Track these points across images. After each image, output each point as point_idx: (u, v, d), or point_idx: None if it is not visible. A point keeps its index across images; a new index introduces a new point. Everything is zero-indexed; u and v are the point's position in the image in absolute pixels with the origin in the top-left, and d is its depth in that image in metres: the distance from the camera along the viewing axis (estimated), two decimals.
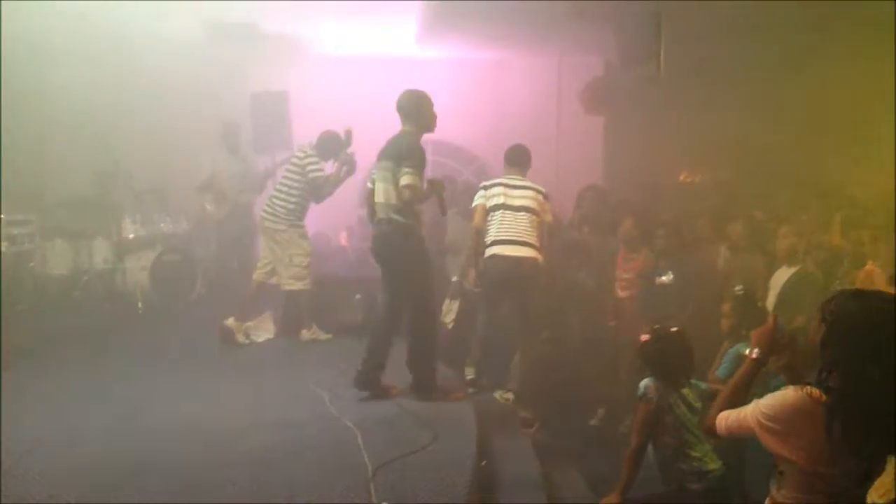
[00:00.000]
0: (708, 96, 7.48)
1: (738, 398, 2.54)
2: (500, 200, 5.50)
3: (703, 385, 3.36)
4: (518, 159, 5.75)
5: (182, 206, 8.56)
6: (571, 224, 6.98)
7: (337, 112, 9.06)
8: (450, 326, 6.20)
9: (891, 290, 4.44)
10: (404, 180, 4.45)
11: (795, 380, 2.57)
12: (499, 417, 5.11)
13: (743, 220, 5.66)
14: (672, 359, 3.30)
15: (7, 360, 5.40)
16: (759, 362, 2.60)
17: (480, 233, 5.55)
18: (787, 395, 2.35)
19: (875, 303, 2.30)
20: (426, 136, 9.69)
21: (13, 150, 7.60)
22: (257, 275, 6.48)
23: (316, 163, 6.32)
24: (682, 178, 8.86)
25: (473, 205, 5.66)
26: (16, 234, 7.08)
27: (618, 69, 7.43)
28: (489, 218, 5.51)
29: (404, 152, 4.54)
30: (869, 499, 2.40)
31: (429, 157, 10.11)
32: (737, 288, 4.28)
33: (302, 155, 6.32)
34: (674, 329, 3.46)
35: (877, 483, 2.40)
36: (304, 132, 7.49)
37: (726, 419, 2.50)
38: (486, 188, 5.67)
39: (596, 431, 5.80)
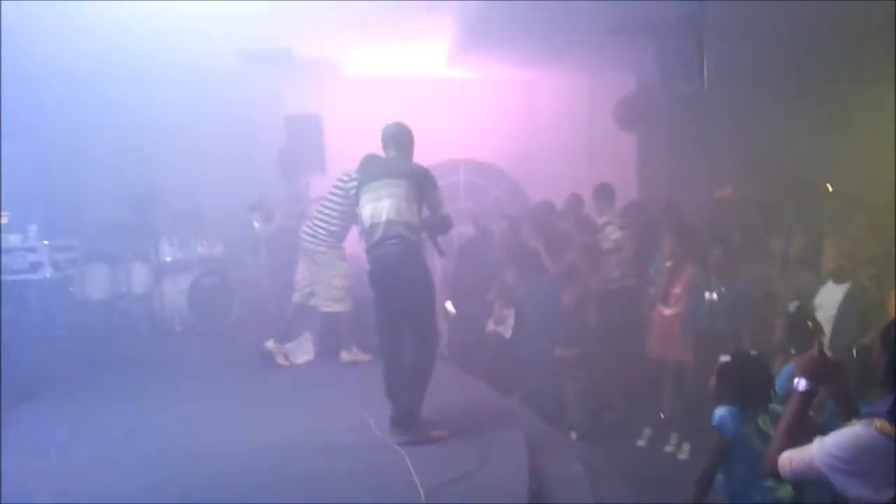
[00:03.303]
0: (746, 111, 7.40)
1: (795, 435, 2.42)
2: None
3: (778, 409, 3.24)
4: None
5: (218, 229, 8.61)
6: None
7: (370, 134, 9.16)
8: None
9: None
10: (447, 209, 4.46)
11: (846, 407, 2.49)
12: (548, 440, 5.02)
13: (796, 237, 5.55)
14: (752, 383, 3.20)
15: (49, 385, 5.44)
16: (808, 394, 2.47)
17: None
18: (856, 433, 2.23)
19: None
20: (457, 156, 9.78)
21: (49, 175, 7.72)
22: (296, 297, 6.48)
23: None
24: (718, 194, 8.74)
25: None
26: (59, 259, 7.15)
27: (652, 85, 7.36)
28: None
29: (423, 174, 4.42)
30: None
31: (460, 176, 10.32)
32: (791, 304, 4.16)
33: (346, 178, 6.27)
34: (753, 352, 3.36)
35: None
36: (338, 155, 7.54)
37: (790, 462, 2.36)
38: None
39: (644, 452, 5.69)
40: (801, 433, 2.37)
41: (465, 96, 9.44)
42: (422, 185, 4.40)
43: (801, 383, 2.47)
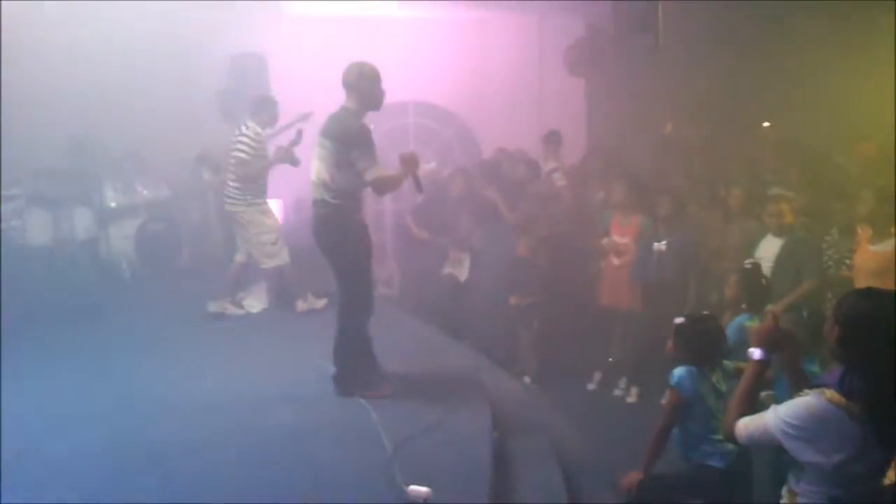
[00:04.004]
0: (697, 62, 7.51)
1: (750, 402, 2.57)
2: None
3: (729, 364, 3.45)
4: None
5: (162, 174, 8.38)
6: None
7: (316, 74, 8.94)
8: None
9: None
10: (372, 174, 4.15)
11: (799, 379, 2.65)
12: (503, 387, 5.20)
13: (741, 188, 5.74)
14: (707, 342, 3.38)
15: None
16: (763, 363, 2.63)
17: None
18: (808, 402, 2.39)
19: (888, 301, 2.37)
20: (406, 97, 9.63)
21: None
22: (238, 256, 6.43)
23: (241, 142, 6.10)
24: (666, 129, 8.84)
25: None
26: (5, 210, 6.89)
27: (603, 32, 7.40)
28: None
29: (351, 136, 4.19)
30: (887, 480, 2.52)
31: (409, 118, 10.24)
32: (746, 261, 4.36)
33: (237, 132, 6.13)
34: (706, 313, 3.54)
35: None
36: (282, 97, 7.39)
37: (746, 428, 2.52)
38: None
39: (594, 395, 5.95)
40: (754, 402, 2.54)
41: (413, 36, 9.26)
42: (344, 148, 4.19)
43: (755, 353, 2.63)
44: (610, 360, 6.12)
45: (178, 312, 6.39)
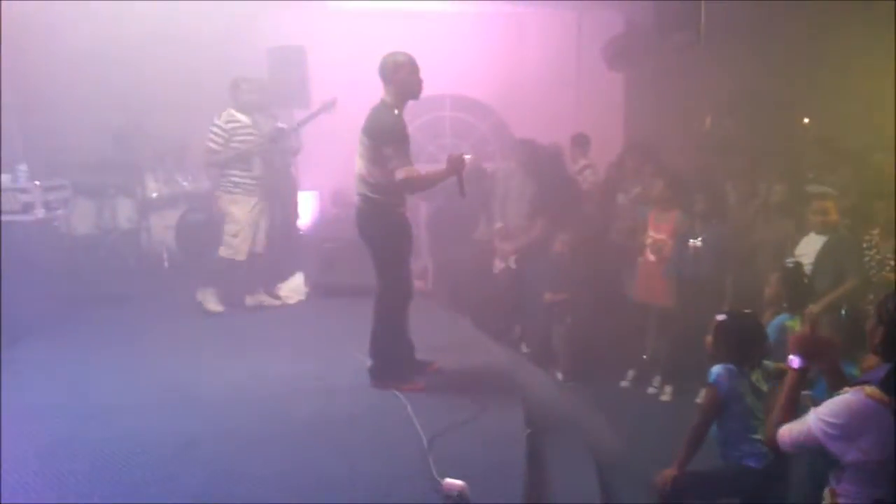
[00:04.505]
0: (737, 58, 7.41)
1: (792, 410, 2.56)
2: None
3: (770, 364, 3.41)
4: None
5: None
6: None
7: (354, 67, 9.02)
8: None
9: None
10: (400, 174, 4.15)
11: (838, 382, 2.61)
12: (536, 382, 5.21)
13: (782, 185, 5.66)
14: (747, 341, 3.35)
15: (47, 324, 5.47)
16: (803, 371, 2.61)
17: None
18: (847, 399, 2.38)
19: None
20: (443, 90, 9.62)
21: (28, 112, 7.51)
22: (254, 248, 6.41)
23: (211, 131, 6.07)
24: (706, 125, 8.75)
25: None
26: (50, 199, 7.06)
27: (643, 27, 7.33)
28: None
29: (385, 132, 4.19)
30: None
31: (446, 112, 10.25)
32: (788, 260, 4.30)
33: (221, 123, 6.09)
34: (747, 310, 3.50)
35: None
36: (322, 88, 7.46)
37: (790, 434, 2.51)
38: None
39: (627, 393, 5.92)
40: (796, 409, 2.52)
41: (452, 30, 9.28)
42: (378, 144, 4.22)
43: (794, 360, 2.61)
44: (644, 357, 6.08)
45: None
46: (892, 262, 4.91)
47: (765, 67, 7.70)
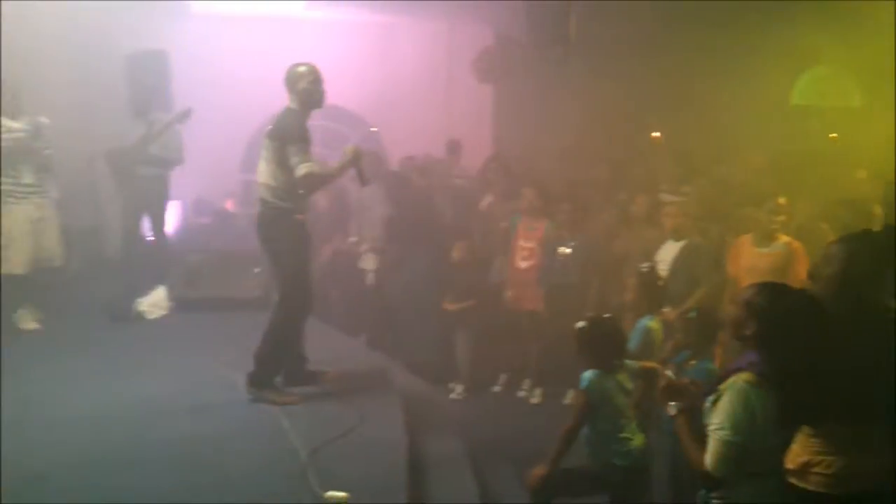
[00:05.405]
0: (603, 72, 7.78)
1: (699, 446, 2.59)
2: None
3: (634, 364, 3.57)
4: None
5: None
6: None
7: (219, 72, 8.73)
8: None
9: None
10: (301, 170, 4.15)
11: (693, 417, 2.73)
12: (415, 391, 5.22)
13: (645, 196, 5.98)
14: (608, 343, 3.49)
15: None
16: (684, 413, 2.72)
17: None
18: (729, 399, 2.48)
19: (803, 300, 2.57)
20: None
21: None
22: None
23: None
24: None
25: None
26: None
27: (513, 40, 7.56)
28: None
29: (288, 133, 4.23)
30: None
31: (317, 121, 10.01)
32: (642, 266, 4.53)
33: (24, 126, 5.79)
34: (607, 315, 3.65)
35: (790, 453, 2.70)
36: (187, 93, 7.19)
37: (712, 464, 2.51)
38: None
39: (499, 396, 6.06)
40: (700, 445, 2.58)
41: (321, 38, 9.16)
42: (282, 145, 4.23)
43: (670, 408, 2.76)
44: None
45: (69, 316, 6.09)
46: None
47: (627, 80, 8.13)
